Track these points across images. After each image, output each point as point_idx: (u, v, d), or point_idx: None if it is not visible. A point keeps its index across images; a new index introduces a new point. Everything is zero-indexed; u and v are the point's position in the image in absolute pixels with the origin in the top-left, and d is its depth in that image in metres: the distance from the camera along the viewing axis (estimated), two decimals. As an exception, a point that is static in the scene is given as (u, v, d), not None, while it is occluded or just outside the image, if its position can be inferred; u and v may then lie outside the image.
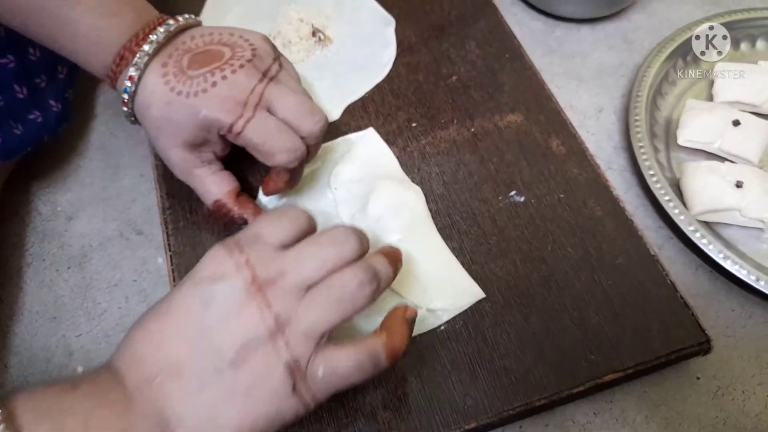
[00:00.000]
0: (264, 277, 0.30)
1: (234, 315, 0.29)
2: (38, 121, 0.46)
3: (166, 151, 0.40)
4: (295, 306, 0.30)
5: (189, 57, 0.39)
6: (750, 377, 0.42)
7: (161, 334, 0.29)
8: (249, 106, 0.38)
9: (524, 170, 0.47)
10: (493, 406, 0.37)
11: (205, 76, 0.38)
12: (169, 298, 0.31)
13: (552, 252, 0.43)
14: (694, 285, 0.46)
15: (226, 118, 0.37)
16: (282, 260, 0.31)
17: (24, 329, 0.44)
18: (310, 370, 0.30)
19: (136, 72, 0.38)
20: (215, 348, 0.29)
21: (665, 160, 0.51)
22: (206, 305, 0.29)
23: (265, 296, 0.29)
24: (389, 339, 0.32)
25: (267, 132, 0.38)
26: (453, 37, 0.55)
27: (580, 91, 0.57)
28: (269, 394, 0.29)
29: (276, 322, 0.29)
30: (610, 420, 0.40)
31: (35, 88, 0.46)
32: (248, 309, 0.29)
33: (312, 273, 0.31)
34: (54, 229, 0.49)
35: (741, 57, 0.57)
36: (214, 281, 0.30)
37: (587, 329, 0.40)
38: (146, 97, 0.38)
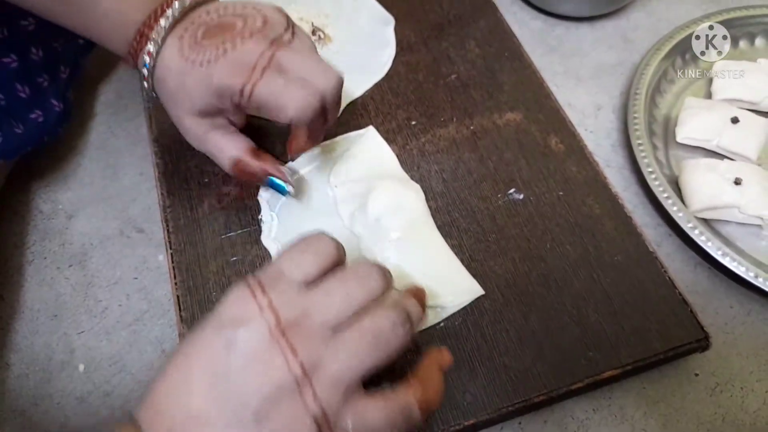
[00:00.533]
0: (288, 320, 0.27)
1: (258, 362, 0.27)
2: (39, 120, 0.47)
3: (181, 120, 0.40)
4: (322, 350, 0.27)
5: (204, 29, 0.39)
6: (748, 374, 0.42)
7: (182, 382, 0.27)
8: (257, 69, 0.38)
9: (523, 168, 0.47)
10: (492, 403, 0.37)
11: (216, 45, 0.38)
12: (190, 342, 0.28)
13: (551, 250, 0.43)
14: (693, 282, 0.46)
15: (236, 83, 0.38)
16: (306, 300, 0.28)
17: (25, 327, 0.44)
18: (339, 423, 0.27)
19: (154, 47, 0.38)
20: (238, 398, 0.26)
21: (664, 157, 0.51)
22: (229, 351, 0.27)
23: (289, 341, 0.27)
24: (423, 392, 0.30)
25: (276, 89, 0.38)
26: (452, 36, 0.55)
27: (579, 89, 0.57)
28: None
29: (302, 369, 0.27)
30: (609, 417, 0.40)
31: (37, 87, 0.46)
32: (273, 356, 0.27)
33: (339, 313, 0.28)
34: (55, 228, 0.49)
35: (740, 55, 0.57)
36: (237, 325, 0.27)
37: (586, 326, 0.40)
38: (162, 69, 0.39)
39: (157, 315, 0.45)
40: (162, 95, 0.40)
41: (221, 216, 0.44)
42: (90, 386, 0.42)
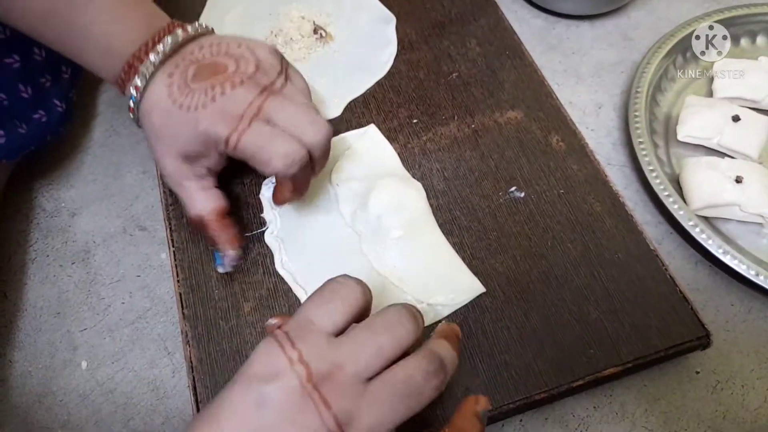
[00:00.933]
0: (320, 373, 0.27)
1: (291, 418, 0.26)
2: (42, 120, 0.47)
3: (161, 159, 0.40)
4: (355, 403, 0.27)
5: (194, 68, 0.38)
6: (749, 371, 0.42)
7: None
8: (245, 118, 0.37)
9: (524, 166, 0.47)
10: (493, 400, 0.37)
11: (205, 90, 0.37)
12: (221, 399, 0.28)
13: (552, 247, 0.43)
14: (694, 280, 0.46)
15: (222, 131, 0.37)
16: (337, 351, 0.28)
17: (28, 324, 0.44)
18: None
19: (142, 82, 0.38)
20: None
21: (665, 155, 0.51)
22: (260, 408, 0.26)
23: (322, 394, 0.26)
24: None
25: (262, 141, 0.37)
26: (453, 35, 0.55)
27: (580, 87, 0.58)
28: None
29: (336, 422, 0.26)
30: (610, 414, 0.40)
31: (40, 87, 0.47)
32: (306, 411, 0.26)
33: (369, 364, 0.28)
34: (58, 226, 0.49)
35: (741, 53, 0.58)
36: (267, 381, 0.27)
37: (587, 324, 0.40)
38: (149, 105, 0.38)
39: (160, 313, 0.45)
40: (146, 129, 0.40)
41: (223, 214, 0.45)
42: (93, 383, 0.42)
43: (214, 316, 0.40)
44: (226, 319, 0.40)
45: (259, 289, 0.41)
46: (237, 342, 0.39)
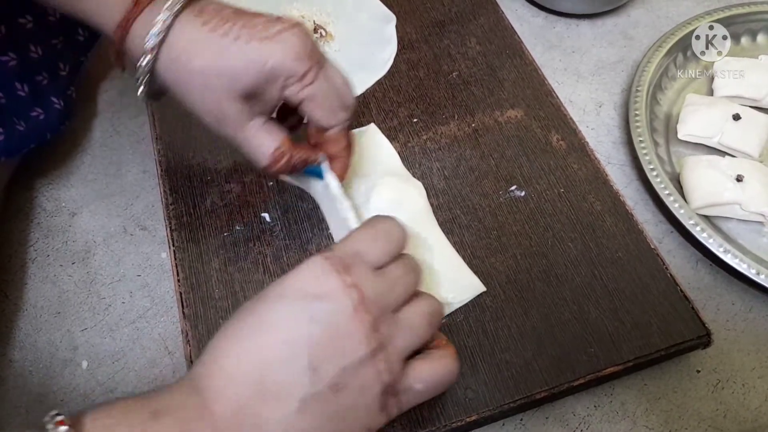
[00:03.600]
0: (369, 299, 0.29)
1: (340, 335, 0.28)
2: (41, 118, 0.47)
3: (216, 102, 0.35)
4: (391, 329, 0.30)
5: (226, 12, 0.35)
6: (750, 370, 0.42)
7: (259, 351, 0.28)
8: (315, 58, 0.35)
9: (524, 165, 0.47)
10: (493, 399, 0.37)
11: (264, 24, 0.35)
12: (263, 311, 0.29)
13: (552, 246, 0.43)
14: (694, 279, 0.46)
15: (300, 66, 0.35)
16: (381, 283, 0.30)
17: (29, 324, 0.44)
18: (405, 386, 0.30)
19: (169, 16, 0.34)
20: (317, 368, 0.27)
21: (665, 154, 0.51)
22: (311, 322, 0.28)
23: (371, 318, 0.29)
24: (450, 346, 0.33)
25: (333, 85, 0.36)
26: (453, 34, 0.55)
27: (580, 86, 0.57)
28: (364, 414, 0.29)
29: (379, 344, 0.29)
30: (611, 413, 0.40)
31: (37, 85, 0.46)
32: (355, 330, 0.28)
33: (402, 297, 0.31)
34: (58, 225, 0.49)
35: (741, 51, 0.57)
36: (321, 299, 0.28)
37: (587, 323, 0.40)
38: (185, 47, 0.34)
39: (160, 312, 0.45)
40: (182, 79, 0.36)
41: (224, 213, 0.45)
42: (93, 383, 0.42)
43: (215, 316, 0.40)
44: (226, 318, 0.40)
45: (260, 289, 0.41)
46: (237, 341, 0.39)
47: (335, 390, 0.28)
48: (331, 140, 0.39)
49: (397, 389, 0.30)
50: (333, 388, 0.28)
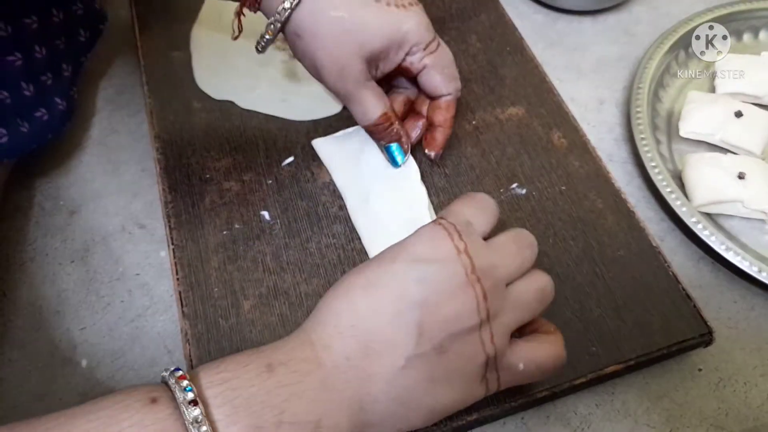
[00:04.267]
0: (481, 268, 0.30)
1: (450, 299, 0.29)
2: (44, 119, 0.46)
3: (347, 58, 0.39)
4: (501, 302, 0.30)
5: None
6: (752, 369, 0.42)
7: (369, 308, 0.29)
8: (434, 32, 0.41)
9: (525, 163, 0.47)
10: (495, 398, 0.37)
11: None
12: (375, 272, 0.30)
13: (553, 244, 0.43)
14: (696, 277, 0.46)
15: (428, 35, 0.40)
16: (492, 253, 0.31)
17: (28, 323, 0.44)
18: (508, 362, 0.31)
19: None
20: (425, 330, 0.28)
21: (667, 152, 0.51)
22: (420, 283, 0.29)
23: (483, 287, 0.29)
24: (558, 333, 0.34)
25: (449, 57, 0.42)
26: (454, 31, 0.55)
27: (582, 83, 0.57)
28: (465, 381, 0.30)
29: (488, 314, 0.29)
30: (612, 412, 0.40)
31: (42, 85, 0.46)
32: (466, 296, 0.29)
33: (516, 271, 0.32)
34: (56, 224, 0.49)
35: (743, 48, 0.57)
36: (432, 262, 0.29)
37: (589, 321, 0.40)
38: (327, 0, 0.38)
39: (160, 311, 0.45)
40: (322, 25, 0.38)
41: (223, 211, 0.44)
42: (93, 382, 0.42)
43: (214, 315, 0.40)
44: (225, 317, 0.40)
45: (259, 287, 0.41)
46: (237, 340, 0.39)
47: (439, 352, 0.28)
48: (442, 108, 0.43)
49: (499, 364, 0.30)
50: (437, 350, 0.28)
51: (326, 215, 0.45)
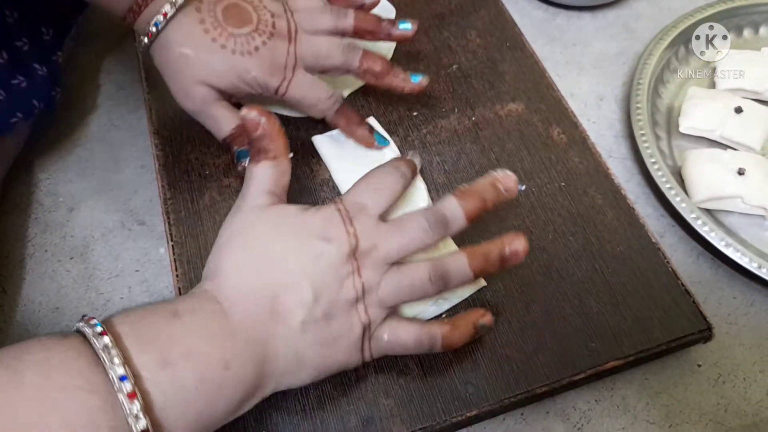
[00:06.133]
0: (362, 249, 0.34)
1: (335, 275, 0.33)
2: (23, 86, 0.45)
3: (191, 86, 0.42)
4: (377, 279, 0.34)
5: (222, 9, 0.41)
6: (751, 364, 0.42)
7: (271, 277, 0.33)
8: (288, 68, 0.43)
9: (525, 159, 0.47)
10: (494, 394, 0.37)
11: (247, 38, 0.41)
12: (277, 242, 0.34)
13: (553, 241, 0.43)
14: (696, 273, 0.46)
15: (274, 81, 0.43)
16: (377, 234, 0.35)
17: (27, 320, 0.44)
18: (377, 333, 0.35)
19: (171, 9, 0.40)
20: (317, 298, 0.33)
21: (667, 148, 0.51)
22: (317, 259, 0.33)
23: (359, 265, 0.34)
24: (450, 332, 0.36)
25: (304, 88, 0.44)
26: (454, 26, 0.55)
27: (581, 79, 0.57)
28: (347, 346, 0.34)
29: (363, 288, 0.34)
30: (611, 407, 0.40)
31: (16, 51, 0.45)
32: (345, 272, 0.33)
33: (395, 254, 0.35)
34: (56, 220, 0.49)
35: (744, 44, 0.57)
36: (328, 241, 0.34)
37: (588, 317, 0.40)
38: (181, 36, 0.41)
39: (159, 307, 0.45)
40: (170, 57, 0.41)
41: (222, 208, 0.44)
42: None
43: (214, 311, 0.40)
44: (225, 313, 0.40)
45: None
46: (236, 337, 0.39)
47: (327, 318, 0.33)
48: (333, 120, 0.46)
49: (372, 335, 0.35)
50: (325, 317, 0.33)
51: (326, 211, 0.44)
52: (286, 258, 0.33)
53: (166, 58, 0.42)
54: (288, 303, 0.32)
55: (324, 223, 0.34)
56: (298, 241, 0.34)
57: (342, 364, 0.34)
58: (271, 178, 0.36)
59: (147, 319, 0.29)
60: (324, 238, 0.34)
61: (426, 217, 0.35)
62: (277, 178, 0.36)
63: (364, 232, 0.34)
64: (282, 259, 0.33)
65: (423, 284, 0.35)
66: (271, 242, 0.34)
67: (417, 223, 0.35)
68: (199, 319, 0.30)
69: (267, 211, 0.35)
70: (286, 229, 0.34)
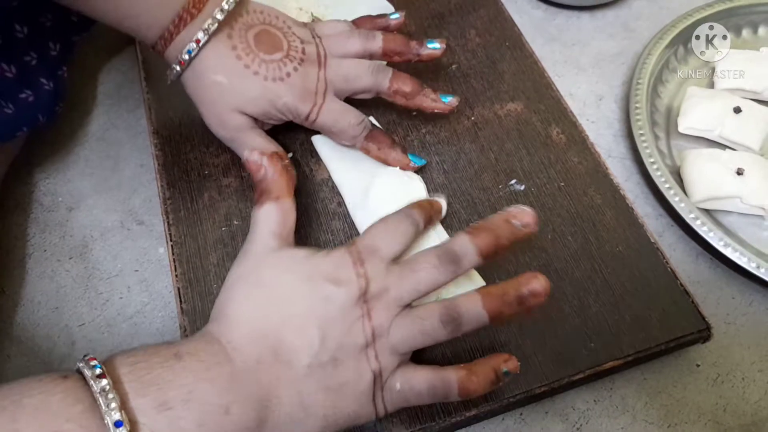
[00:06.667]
0: (372, 292, 0.33)
1: (343, 318, 0.32)
2: (30, 100, 0.45)
3: (223, 113, 0.42)
4: (388, 323, 0.33)
5: (253, 35, 0.41)
6: (750, 364, 0.42)
7: (280, 319, 0.32)
8: (319, 94, 0.43)
9: (524, 159, 0.47)
10: (493, 394, 0.37)
11: (278, 64, 0.41)
12: (286, 286, 0.33)
13: (552, 240, 0.43)
14: (695, 273, 0.46)
15: (305, 108, 0.42)
16: (388, 276, 0.33)
17: (26, 319, 0.44)
18: (389, 383, 0.33)
19: (204, 36, 0.40)
20: (323, 343, 0.31)
21: (666, 147, 0.51)
22: (326, 302, 0.32)
23: (369, 309, 0.32)
24: (467, 377, 0.33)
25: (334, 114, 0.43)
26: (453, 26, 0.55)
27: (581, 79, 0.57)
28: (356, 395, 0.32)
29: (372, 333, 0.32)
30: (610, 407, 0.40)
31: (25, 66, 0.45)
32: (355, 316, 0.32)
33: (407, 295, 0.33)
34: (55, 220, 0.49)
35: (743, 44, 0.57)
36: (337, 284, 0.32)
37: (587, 317, 0.40)
38: (213, 63, 0.41)
39: (158, 307, 0.45)
40: (204, 84, 0.41)
41: (222, 207, 0.44)
42: (92, 378, 0.42)
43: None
44: (224, 313, 0.40)
45: (258, 284, 0.41)
46: (236, 336, 0.39)
47: (335, 364, 0.31)
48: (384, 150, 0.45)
49: (384, 383, 0.33)
50: (333, 361, 0.31)
51: (325, 211, 0.44)
52: (293, 300, 0.32)
53: (199, 86, 0.42)
54: (293, 346, 0.31)
55: (333, 266, 0.33)
56: (306, 284, 0.33)
57: (352, 415, 0.32)
58: (275, 220, 0.35)
59: (148, 361, 0.28)
60: (333, 280, 0.32)
61: (437, 254, 0.34)
62: (282, 220, 0.36)
63: (374, 275, 0.33)
64: (288, 302, 0.32)
65: (434, 328, 0.32)
66: (278, 285, 0.33)
67: (427, 261, 0.33)
68: (201, 361, 0.29)
69: (274, 255, 0.34)
70: (294, 272, 0.33)
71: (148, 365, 0.28)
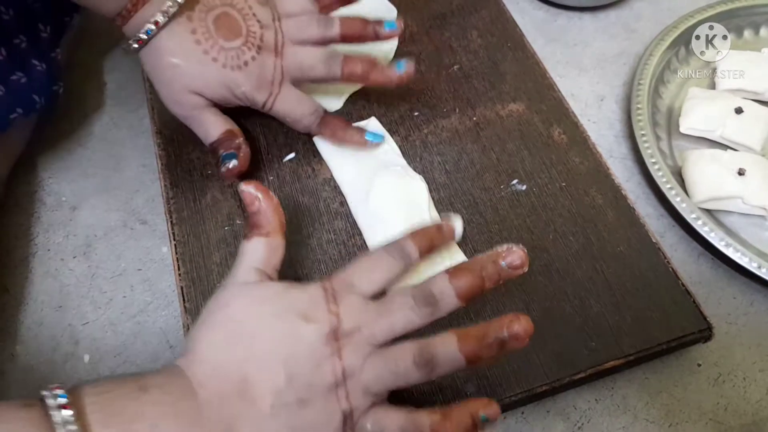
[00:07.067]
0: (344, 330, 0.32)
1: (311, 356, 0.31)
2: (22, 81, 0.45)
3: (180, 93, 0.42)
4: (359, 362, 0.31)
5: (213, 18, 0.42)
6: (751, 364, 0.42)
7: (245, 355, 0.31)
8: (275, 83, 0.44)
9: (526, 159, 0.47)
10: (494, 393, 0.37)
11: (237, 52, 0.42)
12: (254, 321, 0.32)
13: (553, 240, 0.43)
14: (696, 273, 0.46)
15: (261, 97, 0.43)
16: (362, 314, 0.32)
17: (30, 318, 0.45)
18: (361, 422, 0.31)
19: (164, 18, 0.40)
20: (289, 382, 0.30)
21: (667, 148, 0.51)
22: (294, 339, 0.31)
23: (340, 347, 0.31)
24: (441, 423, 0.31)
25: (290, 103, 0.45)
26: (455, 27, 0.55)
27: (582, 79, 0.57)
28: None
29: (343, 372, 0.31)
30: (612, 406, 0.40)
31: (14, 48, 0.45)
32: (324, 354, 0.31)
33: (381, 335, 0.32)
34: (58, 219, 0.49)
35: (744, 44, 0.57)
36: (308, 321, 0.31)
37: (588, 317, 0.40)
38: (172, 45, 0.41)
39: (161, 306, 0.45)
40: (161, 65, 0.41)
41: (225, 207, 0.45)
42: (95, 377, 0.42)
43: (216, 310, 0.40)
44: (227, 312, 0.40)
45: (261, 283, 0.41)
46: (238, 335, 0.39)
47: (301, 405, 0.30)
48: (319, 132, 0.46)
49: (356, 422, 0.31)
50: (299, 403, 0.30)
51: (327, 211, 0.45)
52: (261, 336, 0.31)
53: (156, 65, 0.42)
54: (257, 384, 0.30)
55: (306, 302, 0.32)
56: (276, 320, 0.32)
57: None
58: (260, 256, 0.35)
59: (114, 392, 0.28)
60: (303, 316, 0.31)
61: (413, 294, 0.32)
62: (267, 257, 0.35)
63: (347, 313, 0.32)
64: (255, 337, 0.31)
65: (407, 370, 0.31)
66: (247, 319, 0.32)
67: (404, 301, 0.32)
68: (167, 394, 0.29)
69: (251, 288, 0.33)
70: (266, 306, 0.32)
71: (114, 396, 0.28)
